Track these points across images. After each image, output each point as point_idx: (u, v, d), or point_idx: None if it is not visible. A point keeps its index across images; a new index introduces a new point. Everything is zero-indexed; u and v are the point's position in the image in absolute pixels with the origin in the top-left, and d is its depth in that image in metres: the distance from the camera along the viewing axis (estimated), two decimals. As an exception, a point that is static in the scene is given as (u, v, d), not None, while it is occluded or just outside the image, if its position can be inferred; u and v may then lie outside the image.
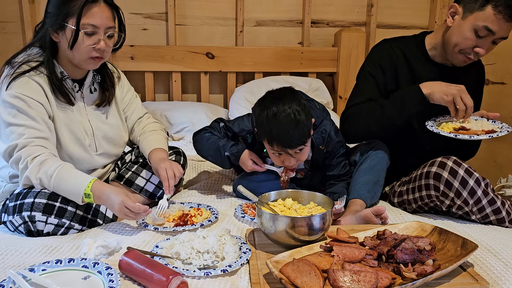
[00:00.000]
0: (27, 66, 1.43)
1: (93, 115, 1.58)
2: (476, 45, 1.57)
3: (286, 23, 2.88)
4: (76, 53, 1.43)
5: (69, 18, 1.39)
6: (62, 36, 1.42)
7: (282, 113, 1.46)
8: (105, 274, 1.07)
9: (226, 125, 1.74)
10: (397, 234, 1.22)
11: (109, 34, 1.46)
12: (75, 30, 1.38)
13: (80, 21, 1.38)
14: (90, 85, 1.58)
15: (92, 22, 1.40)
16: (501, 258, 1.24)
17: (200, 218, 1.48)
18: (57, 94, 1.46)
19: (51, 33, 1.43)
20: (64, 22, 1.39)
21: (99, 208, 1.46)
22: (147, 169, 1.67)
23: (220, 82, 2.86)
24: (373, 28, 2.92)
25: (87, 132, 1.55)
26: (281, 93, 1.54)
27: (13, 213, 1.35)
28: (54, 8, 1.42)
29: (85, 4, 1.38)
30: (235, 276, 1.13)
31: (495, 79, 2.71)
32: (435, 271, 1.05)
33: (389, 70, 1.72)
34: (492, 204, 1.48)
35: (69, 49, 1.41)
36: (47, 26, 1.44)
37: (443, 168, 1.48)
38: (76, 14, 1.38)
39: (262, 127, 1.52)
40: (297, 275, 1.02)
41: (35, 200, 1.33)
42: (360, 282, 0.99)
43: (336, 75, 2.87)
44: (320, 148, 1.67)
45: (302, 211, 1.35)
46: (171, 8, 2.71)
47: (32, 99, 1.40)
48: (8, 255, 1.23)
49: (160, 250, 1.23)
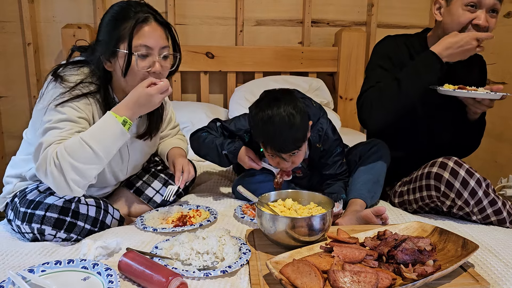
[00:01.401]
0: (85, 87, 1.35)
1: (133, 144, 1.52)
2: (473, 18, 1.56)
3: (286, 23, 2.88)
4: (130, 79, 1.34)
5: (121, 42, 1.30)
6: (115, 64, 1.34)
7: (276, 117, 1.45)
8: (105, 275, 1.07)
9: (222, 124, 1.75)
10: (398, 235, 1.22)
11: (164, 54, 1.35)
12: (127, 54, 1.29)
13: (132, 43, 1.29)
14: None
15: (145, 43, 1.30)
16: (502, 258, 1.24)
17: (199, 219, 1.48)
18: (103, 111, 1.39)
19: (104, 62, 1.34)
20: (115, 48, 1.30)
21: (105, 221, 1.43)
22: (158, 180, 1.66)
23: (220, 82, 2.86)
24: (373, 28, 2.92)
25: (123, 159, 1.52)
26: (278, 95, 1.53)
27: (23, 221, 1.32)
28: (105, 35, 1.33)
29: (136, 24, 1.29)
30: (235, 277, 1.13)
31: (495, 79, 2.70)
32: (435, 271, 1.05)
33: (397, 62, 1.69)
34: (493, 204, 1.48)
35: (122, 77, 1.33)
36: (98, 54, 1.35)
37: (444, 169, 1.48)
38: (127, 37, 1.29)
39: (257, 129, 1.52)
40: (297, 275, 1.01)
41: (46, 214, 1.30)
42: (361, 283, 0.99)
43: (337, 75, 2.86)
44: (317, 146, 1.66)
45: (302, 211, 1.35)
46: (171, 8, 2.71)
47: (82, 111, 1.33)
48: (8, 256, 1.23)
49: (159, 251, 1.22)
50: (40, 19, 2.61)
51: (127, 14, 1.31)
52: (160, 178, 1.65)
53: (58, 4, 2.62)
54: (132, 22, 1.29)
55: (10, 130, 2.69)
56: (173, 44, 1.42)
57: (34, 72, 2.57)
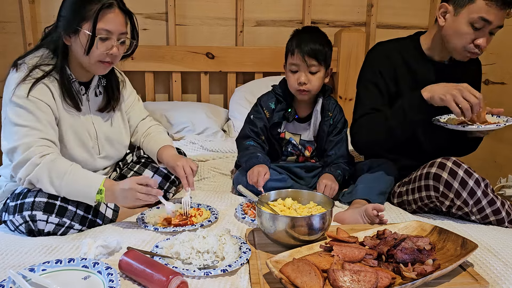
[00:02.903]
0: (40, 70, 1.43)
1: (97, 118, 1.59)
2: (475, 37, 1.57)
3: (286, 23, 2.88)
4: (88, 57, 1.43)
5: (84, 22, 1.39)
6: (75, 40, 1.42)
7: (310, 27, 1.81)
8: (105, 274, 1.07)
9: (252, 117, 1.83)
10: (397, 234, 1.22)
11: (122, 40, 1.46)
12: (90, 36, 1.38)
13: (96, 26, 1.38)
14: (95, 88, 1.58)
15: (107, 28, 1.40)
16: (501, 257, 1.24)
17: (200, 218, 1.48)
18: (66, 97, 1.46)
19: (64, 37, 1.43)
20: (78, 26, 1.39)
21: (99, 208, 1.46)
22: (149, 168, 1.68)
23: (220, 82, 2.86)
24: (373, 28, 2.92)
25: (91, 135, 1.56)
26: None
27: (14, 213, 1.35)
28: (68, 12, 1.42)
29: (101, 9, 1.38)
30: (235, 276, 1.13)
31: (495, 79, 2.70)
32: (435, 270, 1.05)
33: (389, 73, 1.72)
34: (492, 204, 1.48)
35: (84, 54, 1.41)
36: (60, 30, 1.43)
37: (443, 169, 1.48)
38: (92, 19, 1.38)
39: (292, 37, 1.75)
40: (297, 275, 1.02)
41: (36, 199, 1.33)
42: (360, 282, 0.99)
43: (336, 75, 2.87)
44: (329, 114, 1.80)
45: (302, 210, 1.35)
46: (171, 8, 2.71)
47: (41, 101, 1.40)
48: (8, 255, 1.23)
49: (160, 250, 1.23)
50: (40, 19, 2.61)
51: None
52: (151, 167, 1.68)
53: (58, 4, 2.56)
54: (97, 6, 1.38)
55: (11, 130, 2.70)
56: (132, 31, 1.52)
57: (34, 72, 2.58)
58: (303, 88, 1.71)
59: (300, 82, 1.70)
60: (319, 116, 1.80)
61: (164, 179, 1.70)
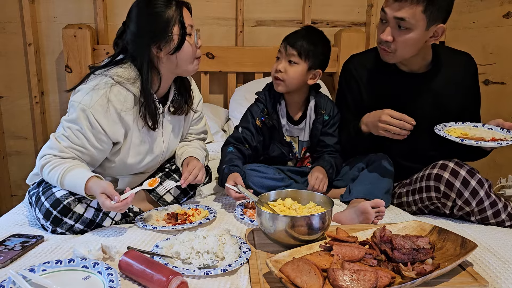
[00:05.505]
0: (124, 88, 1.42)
1: (167, 131, 1.58)
2: (381, 31, 1.57)
3: (286, 23, 2.88)
4: (181, 59, 1.43)
5: (171, 26, 1.38)
6: (165, 49, 1.40)
7: (311, 27, 1.80)
8: (105, 274, 1.07)
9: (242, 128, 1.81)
10: (389, 232, 1.21)
11: (196, 30, 1.47)
12: (181, 34, 1.38)
13: (184, 24, 1.39)
14: (170, 104, 1.57)
15: (189, 23, 1.42)
16: (500, 257, 1.24)
17: (198, 217, 1.48)
18: (147, 119, 1.46)
19: (154, 49, 1.40)
20: (170, 33, 1.38)
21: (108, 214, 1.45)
22: (171, 180, 1.65)
23: (220, 82, 2.86)
24: (373, 28, 2.92)
25: (160, 150, 1.58)
26: None
27: (46, 219, 1.36)
28: (147, 24, 1.38)
29: (181, 7, 1.39)
30: (235, 275, 1.13)
31: (495, 79, 2.70)
32: (434, 270, 1.05)
33: (357, 90, 1.75)
34: (494, 206, 1.47)
35: (175, 58, 1.41)
36: (144, 44, 1.39)
37: (444, 170, 1.48)
38: (177, 19, 1.38)
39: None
40: (297, 274, 1.02)
41: (76, 225, 1.37)
42: (360, 281, 0.99)
43: (336, 75, 2.86)
44: (321, 112, 1.78)
45: (302, 210, 1.36)
46: (171, 8, 2.71)
47: (100, 125, 1.38)
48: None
49: (160, 250, 1.23)
50: (40, 19, 2.61)
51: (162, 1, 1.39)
52: (172, 178, 1.65)
53: (58, 5, 2.62)
54: (174, 7, 1.38)
55: (11, 130, 2.69)
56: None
57: (34, 72, 2.57)
58: (278, 75, 1.71)
59: (276, 69, 1.71)
60: (313, 114, 1.80)
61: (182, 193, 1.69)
